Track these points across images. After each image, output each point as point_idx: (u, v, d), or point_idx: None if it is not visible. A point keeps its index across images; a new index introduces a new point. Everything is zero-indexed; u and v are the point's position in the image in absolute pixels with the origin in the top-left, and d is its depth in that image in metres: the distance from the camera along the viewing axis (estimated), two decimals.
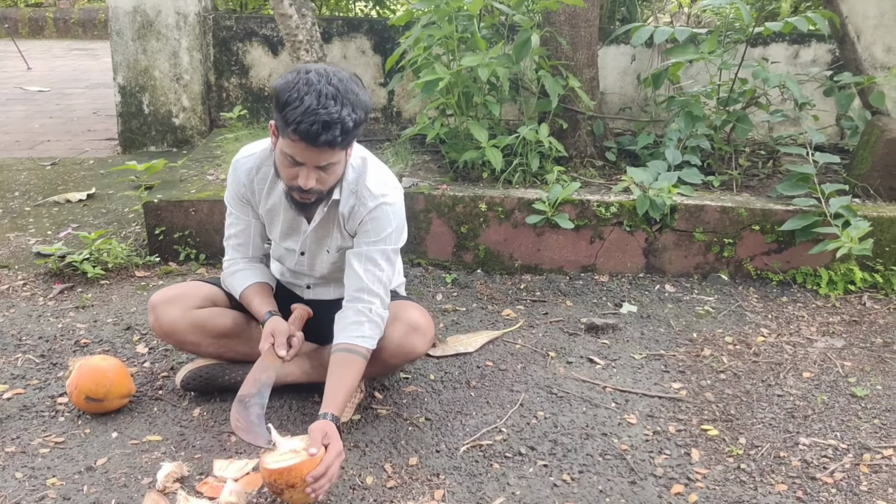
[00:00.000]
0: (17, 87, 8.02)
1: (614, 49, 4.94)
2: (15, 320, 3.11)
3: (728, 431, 2.50)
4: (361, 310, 2.32)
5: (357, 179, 2.36)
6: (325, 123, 2.04)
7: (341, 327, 2.32)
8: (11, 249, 3.77)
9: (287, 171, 2.19)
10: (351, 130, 2.10)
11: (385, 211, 2.37)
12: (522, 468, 2.30)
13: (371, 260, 2.36)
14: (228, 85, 5.24)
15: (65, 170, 4.98)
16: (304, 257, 2.53)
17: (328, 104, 2.05)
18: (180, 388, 2.60)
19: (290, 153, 2.14)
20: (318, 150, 2.10)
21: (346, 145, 2.15)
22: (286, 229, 2.49)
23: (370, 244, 2.37)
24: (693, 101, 3.96)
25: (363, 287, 2.34)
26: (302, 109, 2.04)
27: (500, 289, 3.50)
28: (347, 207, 2.37)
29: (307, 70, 2.10)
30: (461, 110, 3.75)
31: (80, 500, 2.11)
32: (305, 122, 2.04)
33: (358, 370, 2.28)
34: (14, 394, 2.61)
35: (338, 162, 2.19)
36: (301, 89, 2.06)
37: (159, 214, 3.66)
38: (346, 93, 2.09)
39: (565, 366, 2.88)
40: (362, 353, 2.29)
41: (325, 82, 2.07)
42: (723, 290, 3.52)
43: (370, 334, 2.32)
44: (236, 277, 2.54)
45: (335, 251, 2.48)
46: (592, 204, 3.58)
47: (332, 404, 2.19)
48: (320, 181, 2.19)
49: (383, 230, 2.37)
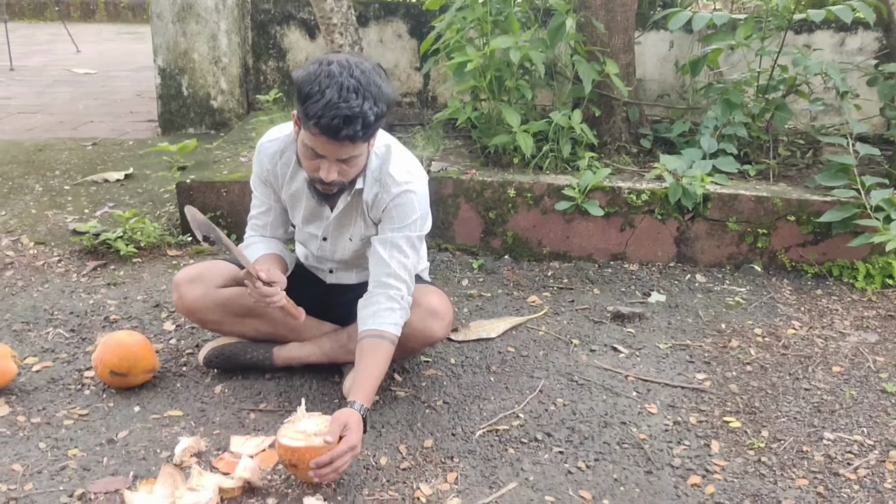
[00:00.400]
0: (65, 70, 8.17)
1: (653, 35, 4.86)
2: (48, 295, 3.17)
3: (751, 424, 2.46)
4: (393, 296, 2.31)
5: (381, 167, 2.35)
6: (346, 118, 2.03)
7: (371, 313, 2.30)
8: (49, 227, 3.84)
9: (309, 162, 2.19)
10: (372, 124, 2.09)
11: (409, 198, 2.35)
12: (537, 454, 2.28)
13: (396, 246, 2.35)
14: (266, 68, 5.28)
15: (105, 150, 5.07)
16: (327, 242, 2.54)
17: (349, 97, 2.03)
18: (203, 365, 2.63)
19: (312, 146, 2.13)
20: (339, 144, 2.10)
21: (367, 138, 2.14)
22: (308, 215, 2.50)
23: (395, 230, 2.36)
24: (731, 88, 3.88)
25: (391, 272, 2.33)
26: (323, 103, 2.02)
27: (527, 275, 3.48)
28: (371, 195, 2.37)
29: (329, 62, 2.09)
30: (493, 94, 3.72)
31: (99, 472, 2.15)
32: (326, 117, 2.02)
33: (387, 357, 2.27)
34: (43, 367, 2.67)
35: (360, 154, 2.19)
36: (322, 82, 2.04)
37: (192, 195, 3.70)
38: (368, 85, 2.07)
39: (588, 354, 2.85)
40: (392, 340, 2.28)
41: (348, 75, 2.05)
42: (755, 282, 3.45)
43: (400, 321, 2.31)
44: (250, 249, 2.55)
45: (358, 240, 2.48)
46: (623, 191, 3.53)
47: (361, 392, 2.17)
48: (342, 173, 2.19)
49: (408, 217, 2.36)
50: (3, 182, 4.41)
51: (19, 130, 5.59)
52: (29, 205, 4.11)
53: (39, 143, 5.17)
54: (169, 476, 2.07)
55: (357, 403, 2.13)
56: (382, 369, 2.25)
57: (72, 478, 2.12)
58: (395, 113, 5.05)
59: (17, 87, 7.21)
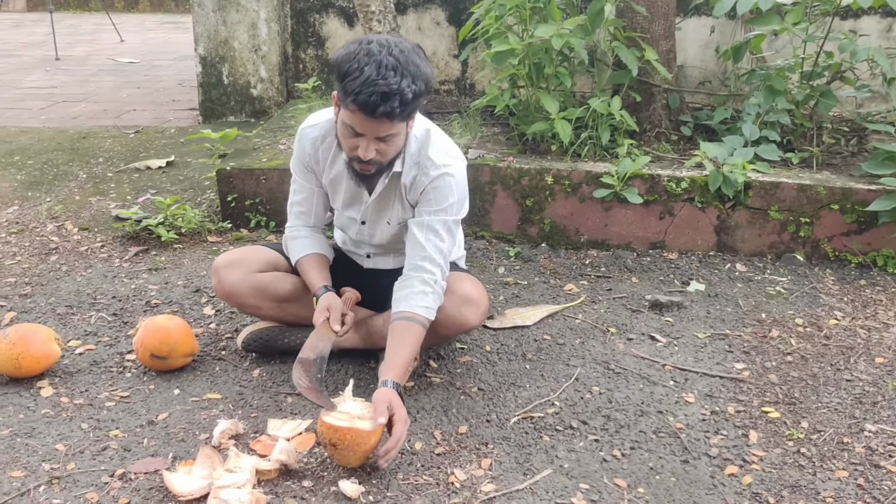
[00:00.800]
0: (109, 59, 8.30)
1: (695, 21, 4.79)
2: (91, 280, 3.23)
3: (790, 415, 2.42)
4: (427, 280, 2.33)
5: (420, 150, 2.35)
6: (384, 95, 2.04)
7: (404, 295, 2.32)
8: (92, 213, 3.91)
9: (347, 141, 2.20)
10: (410, 102, 2.09)
11: (447, 181, 2.36)
12: (572, 441, 2.28)
13: (432, 230, 2.36)
14: (305, 56, 5.30)
15: (147, 138, 5.14)
16: (365, 226, 2.55)
17: (388, 75, 2.04)
18: (241, 349, 2.66)
19: (350, 124, 2.15)
20: (377, 122, 2.10)
21: (405, 117, 2.15)
22: (348, 199, 2.51)
23: (431, 213, 2.37)
24: (775, 74, 3.81)
25: (426, 256, 2.34)
26: (361, 80, 2.04)
27: (563, 263, 3.46)
28: (410, 178, 2.38)
29: (369, 41, 2.10)
30: (532, 81, 3.70)
31: (139, 452, 2.19)
32: (364, 93, 2.04)
33: (418, 339, 2.29)
34: (86, 349, 2.72)
35: (398, 133, 2.19)
36: (361, 59, 2.06)
37: (231, 182, 3.74)
38: (406, 64, 2.08)
39: (625, 342, 2.83)
40: (423, 323, 2.29)
41: (387, 53, 2.07)
42: (797, 271, 3.39)
43: (433, 305, 2.32)
44: (295, 244, 2.58)
45: (396, 223, 2.49)
46: (663, 179, 3.49)
47: (393, 371, 2.20)
48: (380, 152, 2.20)
49: (445, 200, 2.36)
50: (48, 169, 4.50)
51: (64, 118, 5.70)
52: (73, 191, 4.19)
53: (83, 131, 5.26)
54: (207, 457, 2.10)
55: (390, 381, 2.16)
56: (413, 350, 2.27)
57: (113, 458, 2.16)
58: (433, 100, 5.05)
59: (62, 76, 7.34)
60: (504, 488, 2.08)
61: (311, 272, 2.52)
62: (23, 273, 3.28)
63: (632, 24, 3.87)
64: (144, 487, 2.04)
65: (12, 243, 3.57)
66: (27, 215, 3.88)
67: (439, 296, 2.35)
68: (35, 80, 7.12)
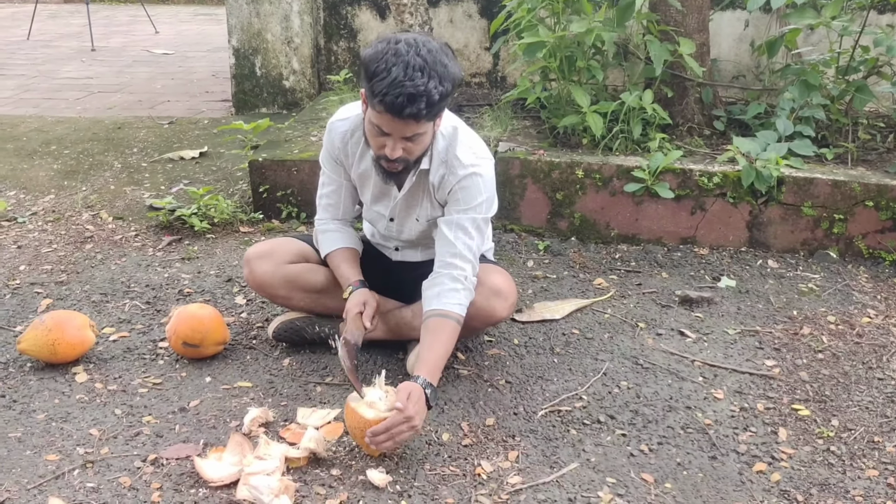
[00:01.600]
0: (144, 50, 8.39)
1: (729, 14, 4.74)
2: (126, 268, 3.28)
3: (820, 412, 2.40)
4: (457, 277, 2.33)
5: (447, 148, 2.36)
6: (411, 96, 2.05)
7: (436, 293, 2.32)
8: (127, 202, 3.97)
9: (375, 140, 2.22)
10: (437, 103, 2.10)
11: (475, 181, 2.36)
12: (600, 436, 2.28)
13: (462, 227, 2.36)
14: (337, 48, 5.33)
15: (181, 129, 5.20)
16: (393, 223, 2.56)
17: (415, 76, 2.05)
18: (272, 338, 2.69)
19: (377, 123, 2.16)
20: (404, 122, 2.11)
21: (432, 117, 2.15)
22: (377, 194, 2.53)
23: (461, 212, 2.37)
24: (810, 69, 3.77)
25: (456, 253, 2.34)
26: (388, 81, 2.04)
27: (593, 258, 3.45)
28: (437, 177, 2.38)
29: (397, 40, 2.11)
30: (564, 74, 3.69)
31: (171, 438, 2.22)
32: (391, 94, 2.04)
33: (452, 336, 2.29)
34: (120, 336, 2.76)
35: (424, 132, 2.20)
36: (389, 60, 2.06)
37: (264, 173, 3.77)
38: (434, 64, 2.08)
39: (654, 337, 2.82)
40: (457, 319, 2.30)
41: (414, 53, 2.07)
42: (830, 268, 3.36)
43: (464, 301, 2.33)
44: (326, 237, 2.60)
45: (424, 221, 2.50)
46: (695, 173, 3.47)
47: (424, 368, 2.20)
48: (407, 151, 2.21)
49: (473, 199, 2.37)
50: (84, 158, 4.57)
51: (100, 109, 5.77)
52: (108, 181, 4.25)
53: (118, 122, 5.33)
54: (237, 444, 2.13)
55: (420, 378, 2.16)
56: (447, 347, 2.27)
57: (145, 443, 2.20)
58: (463, 93, 5.05)
59: (98, 66, 7.44)
60: (531, 480, 2.09)
61: (342, 266, 2.54)
62: (59, 261, 3.34)
63: (665, 18, 3.84)
64: (176, 473, 2.08)
65: (49, 231, 3.64)
66: (63, 204, 3.94)
67: (470, 292, 2.35)
68: (71, 71, 7.22)
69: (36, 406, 2.36)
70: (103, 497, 1.99)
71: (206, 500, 1.99)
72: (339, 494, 2.01)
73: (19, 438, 2.21)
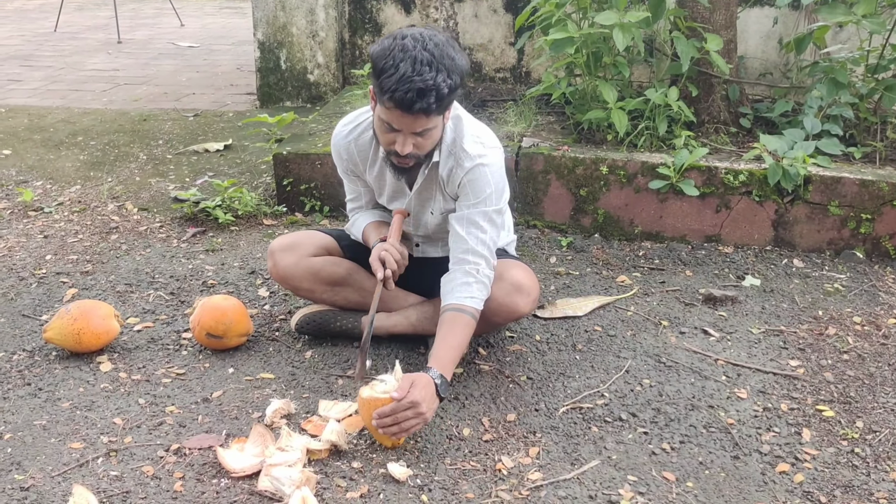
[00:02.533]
0: (169, 43, 8.44)
1: (757, 11, 4.70)
2: (150, 259, 3.30)
3: (845, 414, 2.38)
4: (469, 271, 2.33)
5: (454, 140, 2.36)
6: (420, 91, 2.05)
7: (449, 289, 2.33)
8: (152, 194, 4.00)
9: (385, 136, 2.23)
10: (446, 96, 2.11)
11: (482, 172, 2.35)
12: (621, 433, 2.27)
13: (473, 223, 2.36)
14: (361, 42, 5.33)
15: (206, 121, 5.23)
16: (410, 218, 2.57)
17: (423, 70, 2.05)
18: (295, 330, 2.70)
19: (387, 119, 2.17)
20: (414, 118, 2.12)
21: (441, 111, 2.16)
22: (392, 193, 2.54)
23: (470, 207, 2.37)
24: (838, 67, 3.72)
25: (468, 248, 2.35)
26: (397, 77, 2.05)
27: (616, 255, 3.43)
28: (446, 170, 2.39)
29: (403, 35, 2.11)
30: (589, 70, 3.67)
31: (194, 428, 2.24)
32: (400, 90, 2.05)
33: (466, 329, 2.29)
34: (144, 327, 2.79)
35: (434, 127, 2.21)
36: (396, 56, 2.07)
37: (287, 166, 3.79)
38: (441, 58, 2.08)
39: (677, 336, 2.81)
40: (471, 313, 2.30)
41: (421, 48, 2.07)
42: (856, 268, 3.32)
43: (478, 295, 2.33)
44: (357, 221, 2.65)
45: (439, 214, 2.50)
46: (720, 171, 3.44)
47: (437, 361, 2.21)
48: (417, 146, 2.22)
49: (482, 191, 2.36)
50: (110, 150, 4.61)
51: (126, 101, 5.82)
52: (133, 172, 4.28)
53: (144, 114, 5.36)
54: (259, 435, 2.14)
55: (432, 370, 2.18)
56: (460, 341, 2.27)
57: (168, 433, 2.22)
58: (488, 88, 5.04)
59: (124, 59, 7.49)
60: (551, 477, 2.08)
61: (371, 236, 2.55)
62: (84, 251, 3.37)
63: (692, 14, 3.81)
64: (198, 463, 2.09)
65: (75, 222, 3.67)
66: (89, 195, 3.98)
67: (484, 285, 2.35)
68: (98, 63, 7.28)
69: (61, 394, 2.39)
70: (126, 485, 2.01)
71: (227, 490, 2.00)
72: (359, 487, 2.02)
73: (44, 426, 2.24)
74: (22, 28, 9.34)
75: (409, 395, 2.07)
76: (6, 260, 3.28)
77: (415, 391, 2.08)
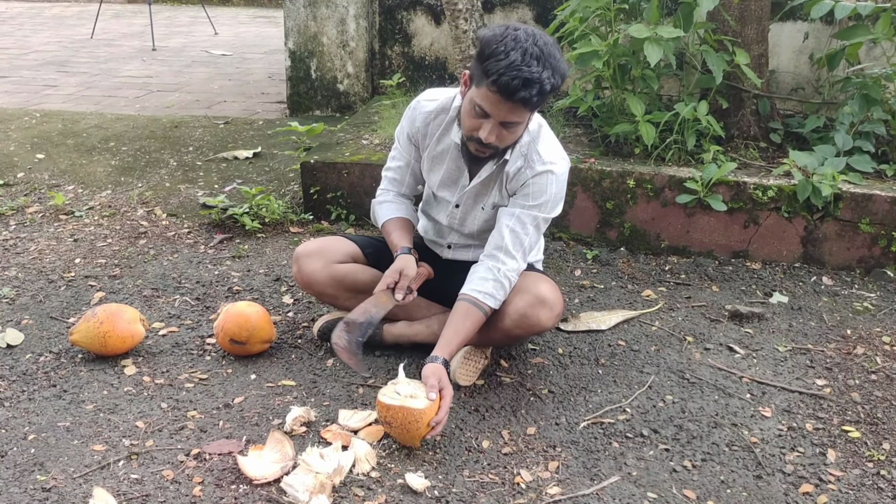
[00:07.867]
0: (203, 51, 8.54)
1: (790, 25, 4.65)
2: (177, 264, 3.33)
3: (871, 435, 2.34)
4: (491, 267, 2.37)
5: (530, 143, 2.40)
6: (526, 81, 2.09)
7: (470, 279, 2.39)
8: (181, 200, 4.04)
9: (471, 121, 2.24)
10: (547, 93, 2.15)
11: (549, 178, 2.39)
12: (642, 450, 2.24)
13: (520, 221, 2.39)
14: (391, 53, 5.35)
15: (236, 129, 5.27)
16: (458, 210, 2.58)
17: (531, 63, 2.09)
18: (317, 337, 2.71)
19: (481, 103, 2.19)
20: (511, 106, 2.15)
21: (537, 106, 2.20)
22: (445, 179, 2.55)
23: (525, 207, 2.40)
24: (871, 83, 3.68)
25: (501, 247, 2.38)
26: (506, 63, 2.09)
27: (642, 269, 3.41)
28: (514, 168, 2.41)
29: (516, 27, 2.16)
30: (617, 83, 3.66)
31: (214, 434, 2.25)
32: (507, 76, 2.08)
33: (474, 322, 2.34)
34: (169, 331, 2.81)
35: (521, 122, 2.24)
36: (508, 44, 2.11)
37: (315, 174, 3.81)
38: (548, 56, 2.13)
39: (702, 352, 2.78)
40: (481, 307, 2.34)
41: (532, 42, 2.12)
42: (887, 287, 3.27)
43: (493, 292, 2.36)
44: (383, 207, 2.67)
45: (490, 208, 2.52)
46: (749, 186, 3.41)
47: (445, 349, 2.28)
48: (500, 138, 2.24)
49: (542, 195, 2.39)
50: (141, 155, 4.66)
51: (158, 107, 5.89)
52: (163, 178, 4.33)
53: (176, 120, 5.42)
54: (277, 442, 2.14)
55: (440, 358, 2.24)
56: (467, 331, 2.33)
57: (189, 437, 2.23)
58: None
59: (158, 66, 7.59)
60: (570, 492, 2.06)
61: (394, 233, 2.58)
62: (113, 255, 3.41)
63: (723, 28, 3.78)
64: (218, 468, 2.10)
65: (104, 226, 3.72)
66: (119, 199, 4.03)
67: (502, 284, 2.37)
68: (132, 70, 7.38)
69: (85, 397, 2.41)
70: (146, 489, 2.03)
71: (246, 496, 2.01)
72: (377, 497, 2.01)
73: (67, 428, 2.26)
74: (59, 34, 9.49)
75: (449, 391, 2.19)
76: (36, 262, 3.33)
77: (449, 386, 2.19)
